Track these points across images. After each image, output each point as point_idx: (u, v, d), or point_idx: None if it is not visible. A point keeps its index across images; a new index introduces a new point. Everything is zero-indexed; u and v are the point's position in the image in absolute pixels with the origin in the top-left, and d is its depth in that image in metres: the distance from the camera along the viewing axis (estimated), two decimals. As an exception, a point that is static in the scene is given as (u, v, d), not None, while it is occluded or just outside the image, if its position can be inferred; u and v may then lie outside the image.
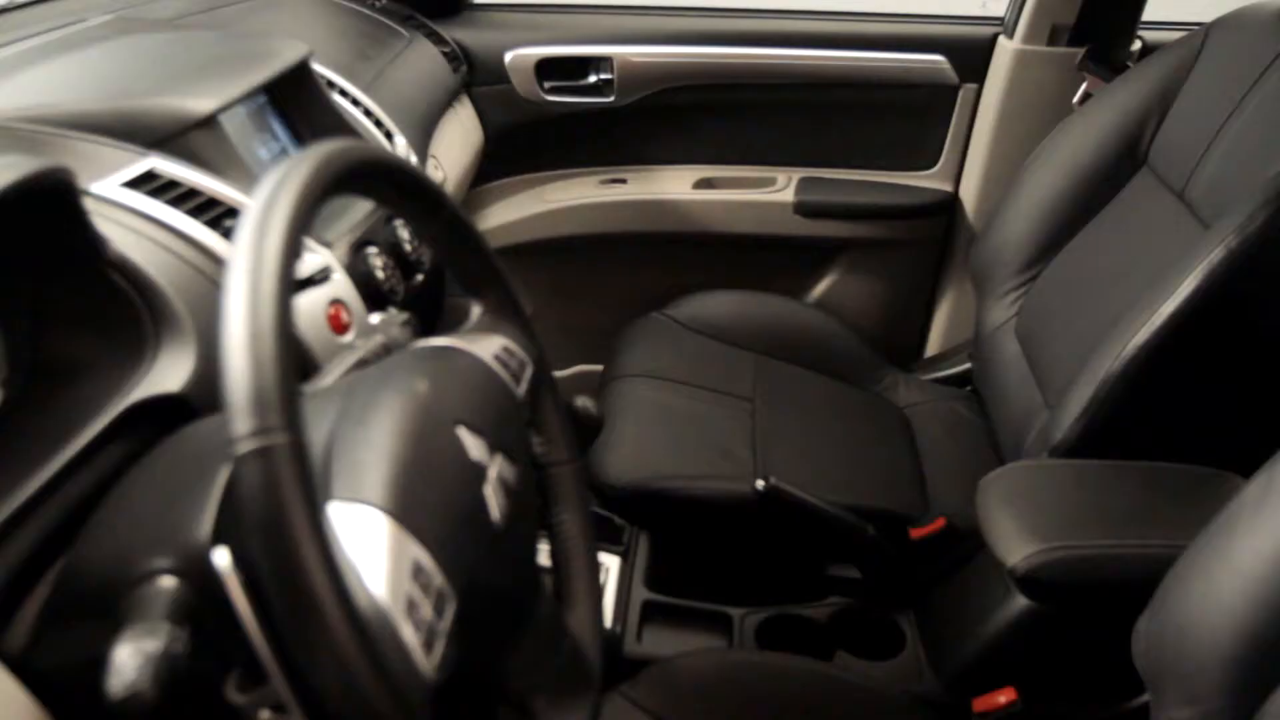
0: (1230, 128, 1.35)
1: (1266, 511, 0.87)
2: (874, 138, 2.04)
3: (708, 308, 1.81)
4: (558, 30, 1.97)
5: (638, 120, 2.00)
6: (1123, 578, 1.07)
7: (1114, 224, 1.51)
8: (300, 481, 0.46)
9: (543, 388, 0.84)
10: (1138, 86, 1.54)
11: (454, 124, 1.78)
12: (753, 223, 2.03)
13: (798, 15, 2.03)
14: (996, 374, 1.59)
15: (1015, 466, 1.24)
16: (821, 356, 1.79)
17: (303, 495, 0.46)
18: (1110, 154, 1.54)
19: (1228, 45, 1.45)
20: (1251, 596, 0.84)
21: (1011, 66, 1.88)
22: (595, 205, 2.03)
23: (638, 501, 1.43)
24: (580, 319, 2.16)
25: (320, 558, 0.46)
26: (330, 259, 0.98)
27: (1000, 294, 1.63)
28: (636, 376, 1.64)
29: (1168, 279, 1.19)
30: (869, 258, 2.08)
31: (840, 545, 1.47)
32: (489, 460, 0.66)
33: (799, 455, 1.53)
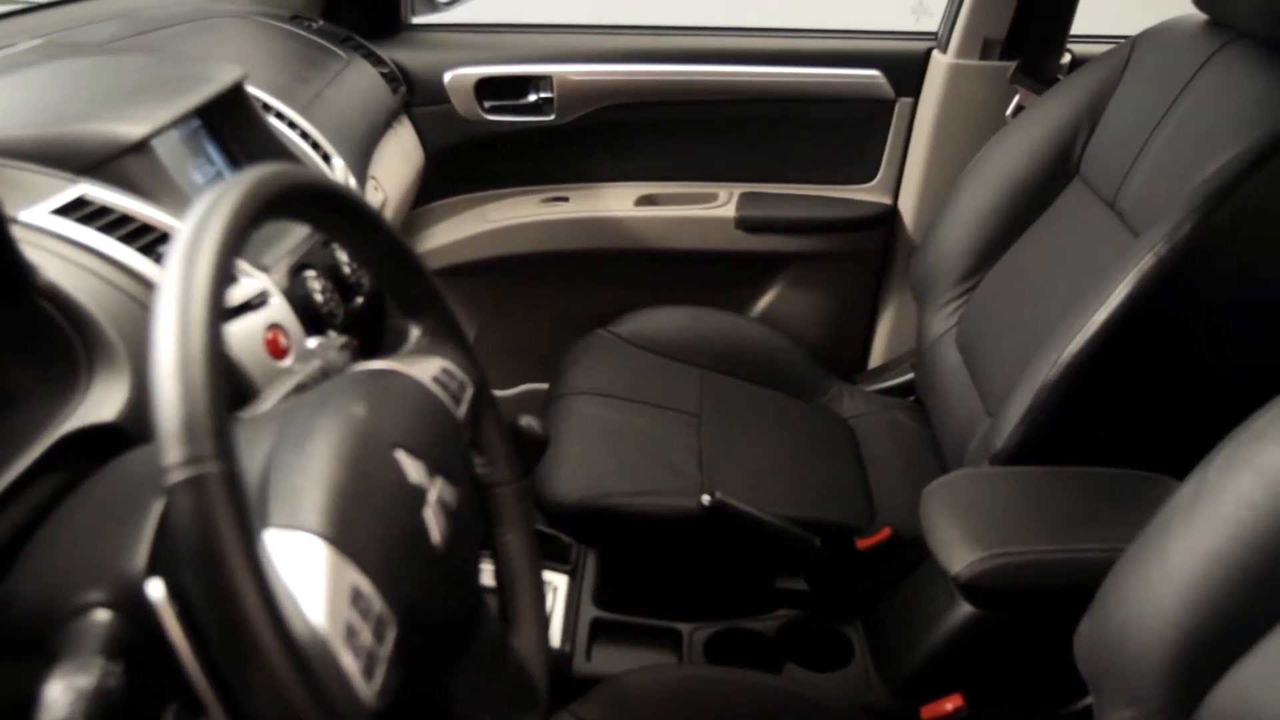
0: (1157, 138, 1.38)
1: (1198, 513, 0.89)
2: (813, 152, 2.06)
3: (652, 324, 1.82)
4: (497, 50, 1.97)
5: (579, 138, 2.01)
6: (1063, 582, 1.09)
7: (1048, 234, 1.53)
8: (233, 509, 0.46)
9: (484, 408, 0.84)
10: (1068, 98, 1.57)
11: (394, 145, 1.78)
12: (695, 238, 2.04)
13: (736, 32, 2.05)
14: (938, 384, 1.61)
15: (957, 475, 1.26)
16: (766, 370, 1.80)
17: (236, 523, 0.46)
18: (1043, 165, 1.56)
19: (1153, 57, 1.48)
20: (1187, 597, 0.86)
21: (946, 80, 1.91)
22: (537, 224, 2.03)
23: (585, 519, 1.43)
24: (524, 338, 2.15)
25: (255, 586, 0.46)
26: (267, 283, 0.98)
27: (940, 304, 1.65)
28: (582, 394, 1.64)
29: (1100, 287, 1.22)
30: (811, 271, 2.10)
31: (787, 558, 1.48)
32: (429, 483, 0.65)
33: (745, 469, 1.53)
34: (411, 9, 2.02)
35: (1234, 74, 1.30)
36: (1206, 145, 1.25)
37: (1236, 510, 0.86)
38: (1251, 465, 0.87)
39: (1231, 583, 0.84)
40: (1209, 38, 1.39)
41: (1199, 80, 1.35)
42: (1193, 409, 1.27)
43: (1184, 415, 1.28)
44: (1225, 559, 0.85)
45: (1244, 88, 1.27)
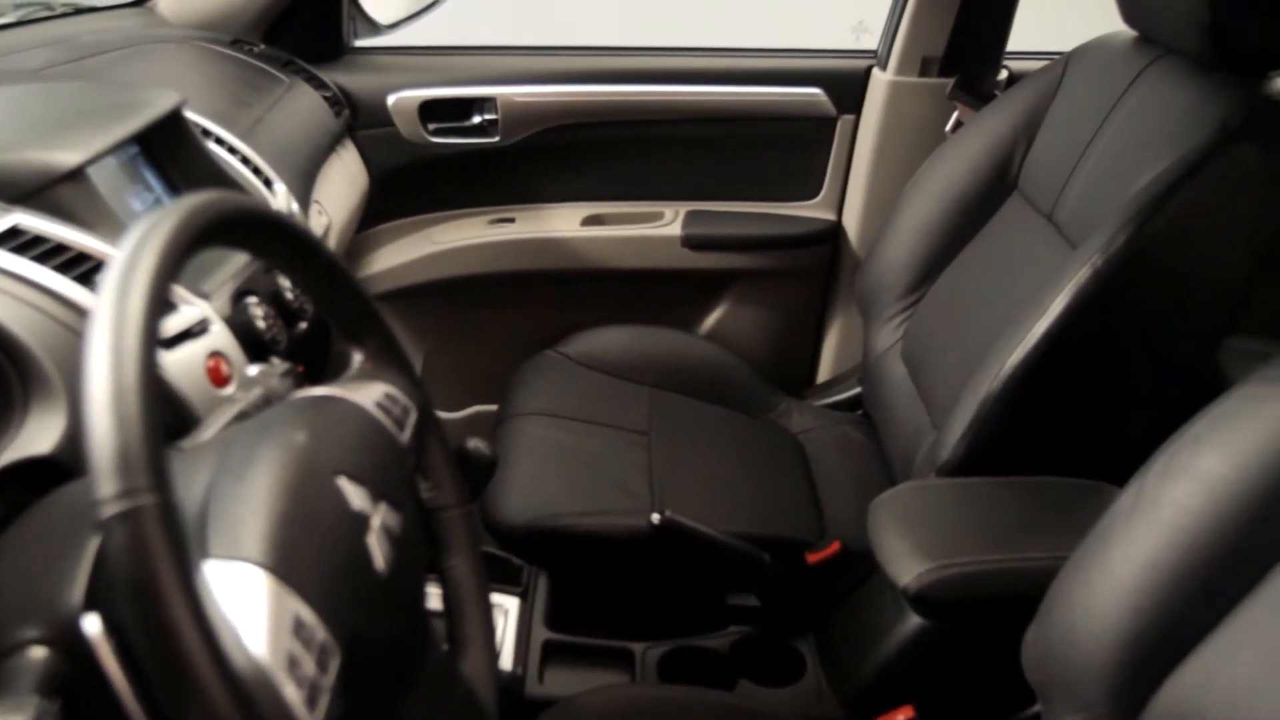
0: (1092, 151, 1.41)
1: (1138, 520, 0.90)
2: (757, 170, 2.08)
3: (600, 343, 1.82)
4: (440, 72, 1.97)
5: (524, 159, 2.01)
6: (1010, 591, 1.10)
7: (989, 247, 1.56)
8: (169, 542, 0.45)
9: (428, 433, 0.83)
10: (1005, 114, 1.60)
11: (338, 168, 1.77)
12: (641, 257, 2.05)
13: (679, 52, 2.07)
14: (885, 397, 1.63)
15: (904, 487, 1.27)
16: (714, 387, 1.81)
17: (172, 556, 0.45)
18: (983, 179, 1.59)
19: (1086, 73, 1.51)
20: (1129, 603, 0.87)
21: (886, 97, 1.94)
22: (484, 245, 2.03)
23: (535, 540, 1.43)
24: (473, 360, 2.15)
25: (192, 619, 0.45)
26: (208, 310, 0.97)
27: (885, 319, 1.67)
28: (531, 415, 1.64)
29: (1040, 299, 1.24)
30: (757, 288, 2.11)
31: (738, 574, 1.49)
32: (372, 509, 0.65)
33: (695, 487, 1.54)
34: (354, 32, 2.01)
35: (1163, 89, 1.33)
36: (1139, 158, 1.28)
37: (1174, 516, 0.87)
38: (1188, 471, 0.89)
39: (1172, 588, 0.86)
40: (1139, 54, 1.42)
41: (1130, 95, 1.38)
42: (1131, 417, 1.30)
43: (1123, 423, 1.30)
44: (1165, 565, 0.86)
45: (1173, 102, 1.30)
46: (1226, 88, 1.24)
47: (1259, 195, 1.20)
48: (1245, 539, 0.85)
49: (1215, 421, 0.90)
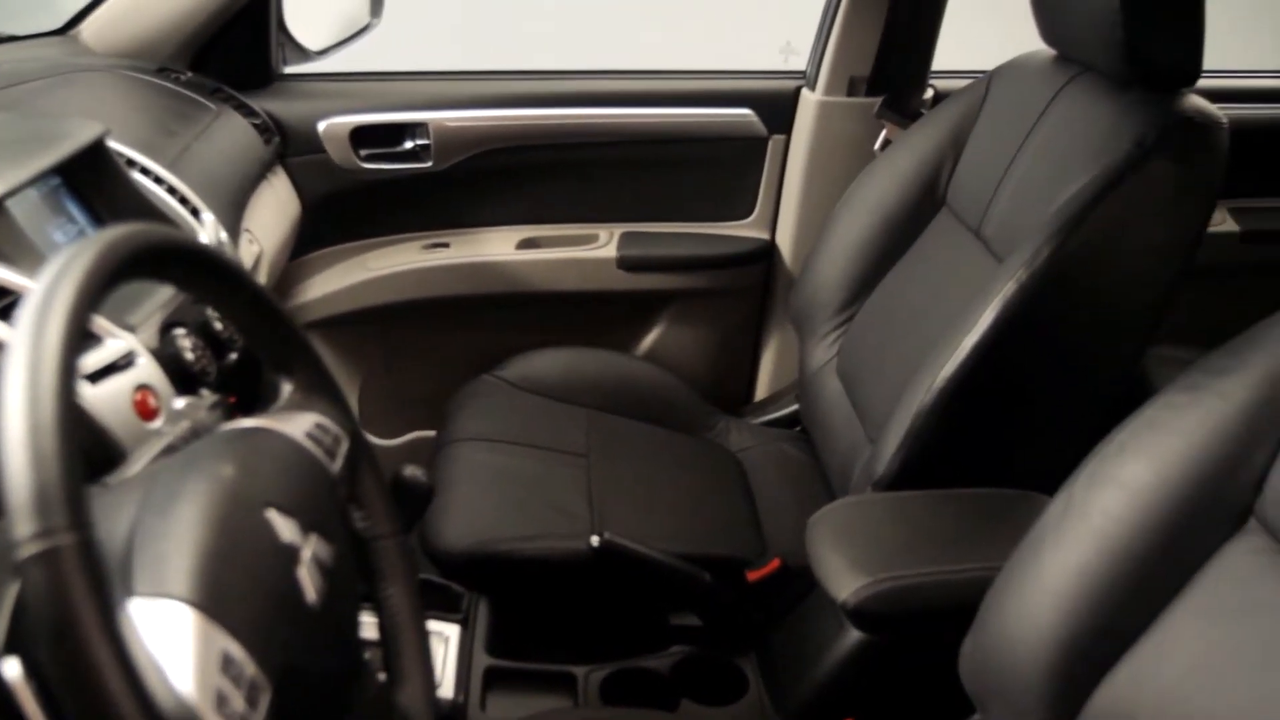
0: (1016, 168, 1.44)
1: (1067, 528, 0.92)
2: (691, 190, 2.09)
3: (537, 367, 1.82)
4: (371, 98, 1.96)
5: (457, 184, 2.00)
6: (946, 603, 1.11)
7: (919, 263, 1.58)
8: (89, 582, 0.45)
9: (361, 461, 0.83)
10: (932, 132, 1.62)
11: (268, 196, 1.75)
12: (577, 280, 2.05)
13: (610, 75, 2.08)
14: (822, 413, 1.64)
15: (841, 503, 1.28)
16: (653, 407, 1.81)
17: (92, 596, 0.45)
18: (912, 196, 1.61)
19: (1009, 91, 1.54)
20: (1061, 610, 0.89)
21: (815, 117, 1.96)
22: (419, 271, 2.02)
23: (475, 566, 1.42)
24: (410, 386, 2.13)
25: (115, 660, 0.45)
26: (134, 343, 0.95)
27: (820, 335, 1.68)
28: (469, 440, 1.63)
29: (968, 313, 1.26)
30: (693, 307, 2.12)
31: (678, 594, 1.49)
32: (302, 541, 0.64)
33: (635, 507, 1.54)
34: (283, 59, 2.00)
35: (1082, 105, 1.37)
36: (1060, 174, 1.30)
37: (1102, 524, 0.89)
38: (1114, 480, 0.90)
39: (1102, 594, 0.87)
40: (1058, 72, 1.45)
41: (1051, 112, 1.41)
42: (1061, 426, 1.32)
43: (1053, 432, 1.33)
44: (1095, 572, 0.88)
45: (1092, 118, 1.33)
46: (1142, 105, 1.27)
47: (1175, 208, 1.24)
48: (1171, 544, 0.86)
49: (1139, 430, 0.92)
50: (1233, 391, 0.86)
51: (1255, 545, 0.84)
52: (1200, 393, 0.88)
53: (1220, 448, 0.85)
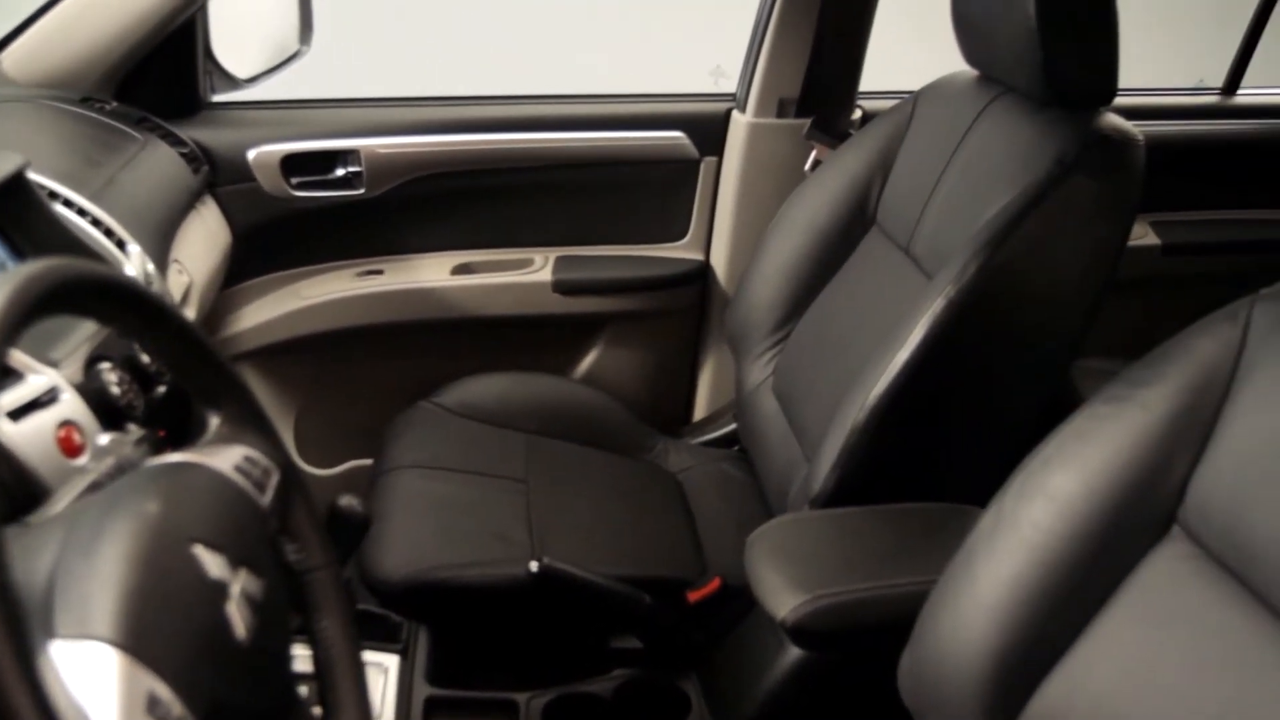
0: (942, 186, 1.46)
1: (999, 541, 0.93)
2: (625, 213, 2.10)
3: (475, 392, 1.81)
4: (302, 125, 1.94)
5: (391, 210, 1.99)
6: (884, 618, 1.12)
7: (851, 281, 1.60)
8: (6, 625, 0.44)
9: (292, 493, 0.82)
10: (860, 152, 1.65)
11: (198, 226, 1.73)
12: (513, 304, 2.05)
13: (543, 100, 2.08)
14: (759, 432, 1.65)
15: (778, 521, 1.29)
16: (592, 430, 1.81)
17: (10, 639, 0.44)
18: (843, 216, 1.63)
19: (934, 111, 1.57)
20: (995, 622, 0.90)
21: (746, 139, 1.98)
22: (353, 298, 2.00)
23: (414, 595, 1.41)
24: (347, 415, 2.11)
25: (33, 705, 0.44)
26: (57, 379, 0.94)
27: (755, 355, 1.70)
28: (407, 468, 1.62)
29: (900, 330, 1.28)
30: (630, 330, 2.13)
31: (619, 617, 1.48)
32: (231, 576, 0.64)
33: (575, 531, 1.54)
34: (211, 87, 1.98)
35: (1004, 125, 1.39)
36: (985, 192, 1.33)
37: (1032, 536, 0.91)
38: (1043, 491, 0.92)
39: (1034, 605, 0.89)
40: (981, 92, 1.48)
41: (974, 131, 1.44)
42: (992, 439, 1.34)
43: (985, 446, 1.35)
44: (1026, 583, 0.89)
45: (1013, 138, 1.36)
46: (1061, 123, 1.30)
47: (1096, 224, 1.27)
48: (1099, 553, 0.88)
49: (1065, 441, 0.94)
50: (1154, 402, 0.88)
51: (1180, 552, 0.86)
52: (1123, 404, 0.90)
53: (1143, 457, 0.87)
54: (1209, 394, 0.86)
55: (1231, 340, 0.86)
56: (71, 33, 1.69)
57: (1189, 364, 0.88)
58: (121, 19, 1.66)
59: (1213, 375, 0.86)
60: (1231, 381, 0.85)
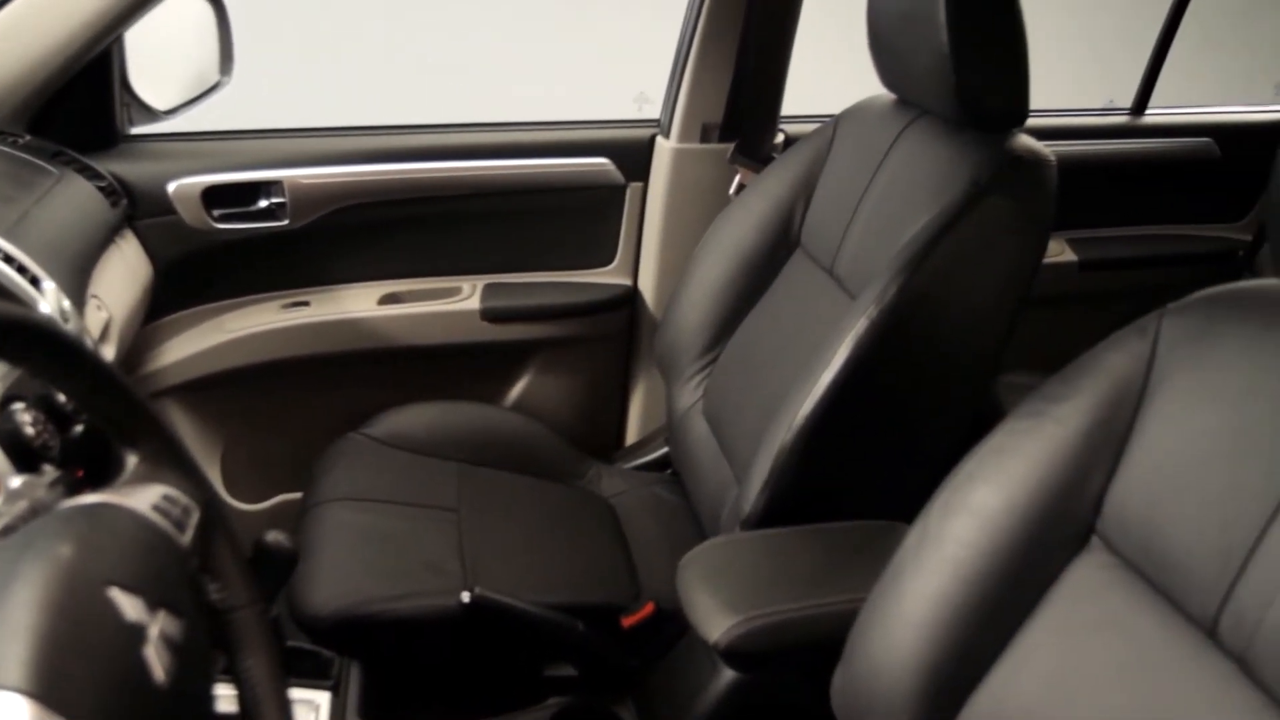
0: (864, 208, 1.48)
1: (924, 557, 0.94)
2: (552, 240, 2.11)
3: (404, 423, 1.80)
4: (223, 157, 1.92)
5: (316, 241, 1.98)
6: (816, 637, 1.13)
7: (777, 303, 1.61)
8: None
9: (214, 531, 0.81)
10: (783, 175, 1.67)
11: (117, 261, 1.70)
12: (441, 333, 2.04)
13: (466, 128, 2.08)
14: (690, 455, 1.66)
15: (710, 543, 1.29)
16: (524, 458, 1.81)
17: None
18: (768, 238, 1.65)
19: (854, 134, 1.59)
20: (923, 637, 0.91)
21: (670, 164, 2.00)
22: (279, 330, 1.98)
23: (344, 630, 1.39)
24: (275, 448, 2.08)
25: None
26: (-33, 421, 0.92)
27: (685, 378, 1.71)
28: (336, 501, 1.60)
29: (824, 350, 1.29)
30: (560, 356, 2.13)
31: (553, 645, 1.48)
32: (149, 619, 0.62)
33: (508, 560, 1.53)
34: (129, 119, 1.95)
35: (921, 147, 1.42)
36: (904, 213, 1.36)
37: (956, 551, 0.92)
38: (965, 507, 0.93)
39: (960, 619, 0.90)
40: (899, 115, 1.51)
41: (894, 153, 1.47)
42: (918, 456, 1.36)
43: (912, 463, 1.37)
44: (952, 598, 0.91)
45: (930, 160, 1.38)
46: (976, 145, 1.34)
47: (1011, 242, 1.30)
48: (1021, 566, 0.90)
49: (986, 457, 0.95)
50: (1069, 417, 0.90)
51: (1099, 562, 0.88)
52: (1040, 419, 0.92)
53: (1062, 471, 0.89)
54: (1122, 407, 0.88)
55: (1141, 354, 0.88)
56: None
57: (1102, 379, 0.90)
58: (35, 52, 1.63)
59: (1125, 389, 0.88)
60: (1143, 395, 0.87)
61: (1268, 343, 0.80)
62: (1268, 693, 0.72)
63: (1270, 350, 0.80)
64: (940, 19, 1.29)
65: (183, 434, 1.97)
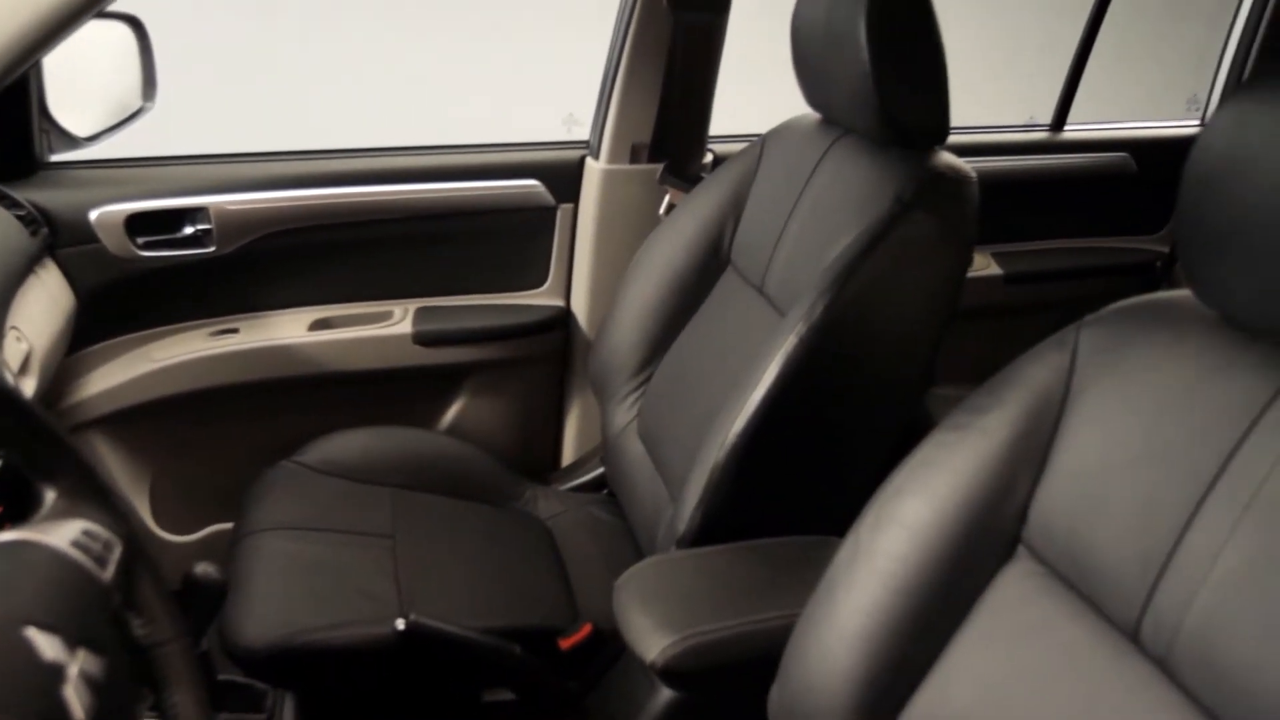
0: (791, 226, 1.50)
1: (857, 570, 0.95)
2: (484, 262, 2.10)
3: (338, 449, 1.78)
4: (147, 184, 1.89)
5: (244, 268, 1.95)
6: (752, 653, 1.14)
7: (709, 321, 1.63)
8: None
9: (137, 565, 0.79)
10: (712, 195, 1.68)
11: (37, 291, 1.67)
12: (374, 358, 2.02)
13: (395, 152, 2.07)
14: (626, 475, 1.66)
15: (646, 563, 1.29)
16: (459, 482, 1.79)
17: None
18: (698, 257, 1.66)
19: (781, 152, 1.61)
20: (857, 650, 0.92)
21: (600, 185, 2.01)
22: (207, 359, 1.95)
23: (278, 661, 1.37)
24: (206, 478, 2.05)
25: None
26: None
27: (619, 398, 1.71)
28: (269, 530, 1.58)
29: (755, 368, 1.30)
30: (494, 379, 2.12)
31: (491, 670, 1.47)
32: (68, 658, 0.61)
33: (444, 585, 1.52)
34: (49, 147, 1.91)
35: (847, 165, 1.44)
36: (831, 230, 1.37)
37: (887, 564, 0.93)
38: (895, 520, 0.95)
39: (893, 631, 0.91)
40: (825, 134, 1.53)
41: (820, 172, 1.49)
42: (851, 471, 1.38)
43: (845, 477, 1.38)
44: (885, 611, 0.92)
45: (855, 177, 1.41)
46: (900, 163, 1.36)
47: (936, 257, 1.32)
48: (951, 577, 0.91)
49: (914, 470, 0.97)
50: (994, 428, 0.92)
51: (1026, 570, 0.89)
52: (966, 431, 0.94)
53: (988, 481, 0.91)
54: (1044, 418, 0.89)
55: (1061, 366, 0.90)
56: (-105, 96, 1.62)
57: (1024, 391, 0.92)
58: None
59: (1047, 400, 0.90)
60: (1063, 405, 0.89)
61: (1179, 352, 0.82)
62: (1188, 693, 0.74)
63: (1181, 360, 0.82)
64: (861, 40, 1.31)
65: (110, 466, 1.93)
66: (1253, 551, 0.71)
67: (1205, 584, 0.73)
